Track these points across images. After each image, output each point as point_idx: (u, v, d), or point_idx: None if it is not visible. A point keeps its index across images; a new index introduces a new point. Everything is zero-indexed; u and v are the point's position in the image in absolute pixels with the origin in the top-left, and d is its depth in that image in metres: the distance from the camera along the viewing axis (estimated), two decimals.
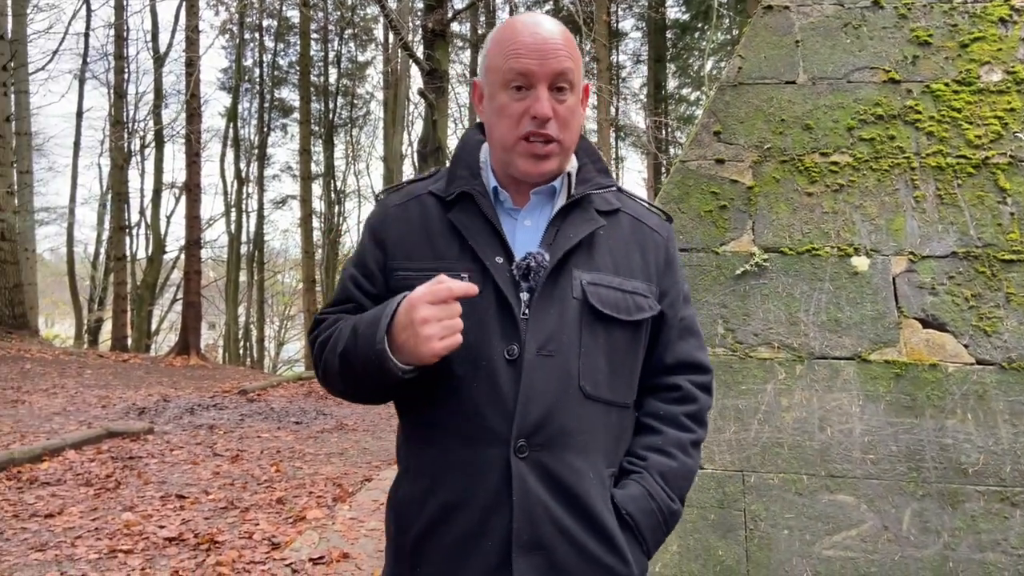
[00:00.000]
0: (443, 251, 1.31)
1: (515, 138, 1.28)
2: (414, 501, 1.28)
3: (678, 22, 23.49)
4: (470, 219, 1.31)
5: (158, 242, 23.06)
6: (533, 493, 1.21)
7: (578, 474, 1.25)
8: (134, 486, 5.66)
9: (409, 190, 1.41)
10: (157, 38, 22.56)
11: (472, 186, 1.33)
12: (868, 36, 3.06)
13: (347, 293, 1.38)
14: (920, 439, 2.52)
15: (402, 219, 1.36)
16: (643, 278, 1.35)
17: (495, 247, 1.29)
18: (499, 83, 1.29)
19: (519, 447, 1.22)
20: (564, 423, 1.24)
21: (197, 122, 17.56)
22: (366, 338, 1.20)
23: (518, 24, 1.30)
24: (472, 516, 1.22)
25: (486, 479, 1.22)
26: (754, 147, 2.95)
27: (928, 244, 2.75)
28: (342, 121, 28.84)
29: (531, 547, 1.21)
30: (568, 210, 1.33)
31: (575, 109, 1.30)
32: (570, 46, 1.29)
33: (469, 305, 1.23)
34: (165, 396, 9.78)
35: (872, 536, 2.43)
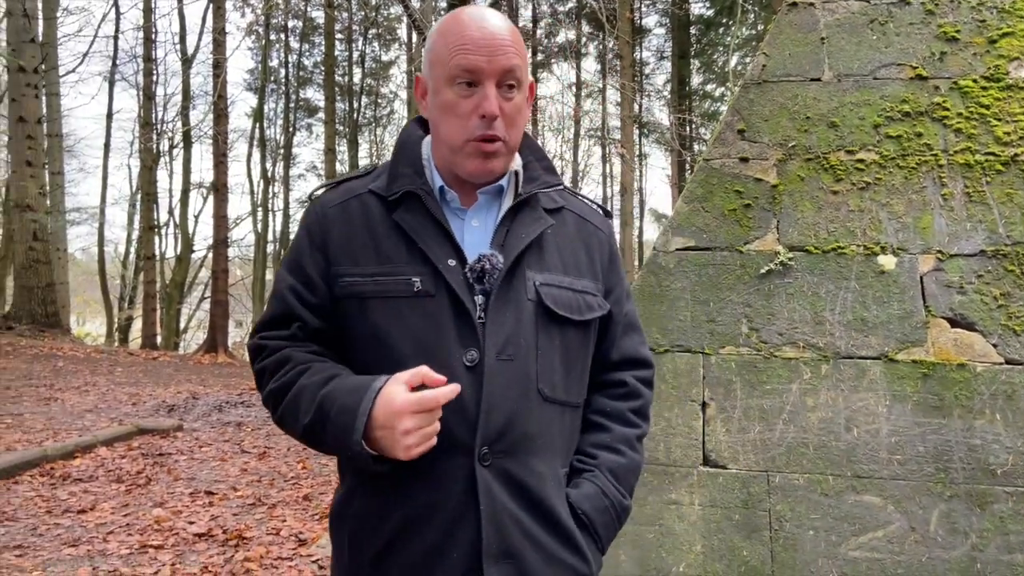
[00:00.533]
0: (390, 254, 1.24)
1: (463, 139, 1.24)
2: (371, 516, 1.22)
3: (702, 18, 23.32)
4: (417, 220, 1.25)
5: (186, 241, 23.37)
6: (499, 501, 1.19)
7: (540, 478, 1.23)
8: (164, 482, 5.75)
9: (347, 188, 1.33)
10: (185, 40, 22.87)
11: (417, 185, 1.27)
12: (895, 32, 3.03)
13: (287, 308, 1.28)
14: (948, 440, 2.50)
15: (342, 220, 1.28)
16: (591, 276, 1.34)
17: (446, 249, 1.23)
18: (444, 78, 1.24)
19: (483, 455, 1.19)
20: (526, 428, 1.22)
21: (224, 123, 17.76)
22: (339, 428, 1.14)
23: (464, 17, 1.25)
24: (437, 528, 1.18)
25: (450, 489, 1.18)
26: (779, 145, 2.93)
27: (956, 242, 2.72)
28: (366, 120, 29.01)
29: (501, 556, 1.18)
30: (517, 209, 1.29)
31: (521, 107, 1.26)
32: (517, 43, 1.25)
33: (423, 310, 1.20)
34: (194, 393, 9.91)
35: (899, 537, 2.41)
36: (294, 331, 1.28)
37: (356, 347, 1.25)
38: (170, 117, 25.03)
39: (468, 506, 1.18)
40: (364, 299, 1.23)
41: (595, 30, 23.85)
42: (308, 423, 1.18)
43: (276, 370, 1.25)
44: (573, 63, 25.66)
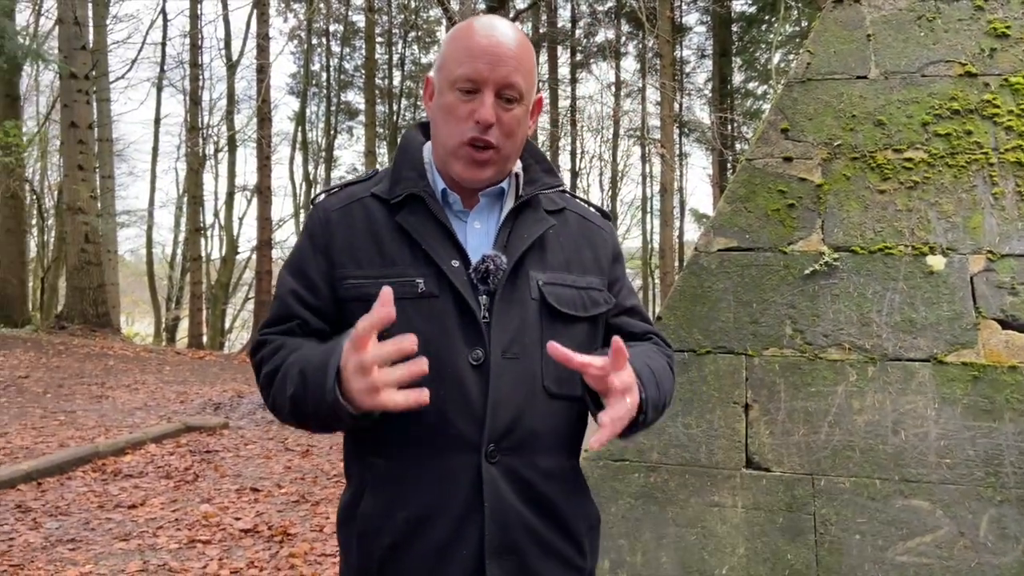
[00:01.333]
0: (394, 256, 1.26)
1: (457, 142, 1.26)
2: (377, 516, 1.23)
3: (744, 15, 23.04)
4: (420, 222, 1.27)
5: (231, 243, 23.83)
6: (505, 499, 1.21)
7: (545, 475, 1.25)
8: (211, 479, 5.88)
9: (349, 192, 1.35)
10: (230, 46, 23.32)
11: (420, 188, 1.29)
12: (943, 29, 2.97)
13: (288, 310, 1.29)
14: (999, 443, 2.44)
15: (345, 223, 1.30)
16: (595, 273, 1.35)
17: (449, 251, 1.25)
18: (448, 82, 1.27)
19: (490, 452, 1.20)
20: (532, 425, 1.23)
21: (268, 126, 18.06)
22: (315, 388, 1.13)
23: (476, 25, 1.28)
24: (446, 526, 1.20)
25: (457, 487, 1.20)
26: (823, 144, 2.89)
27: (1008, 242, 2.66)
28: (405, 123, 29.23)
29: (504, 552, 1.20)
30: (518, 211, 1.31)
31: (521, 120, 1.28)
32: (523, 57, 1.27)
33: (428, 310, 1.22)
34: (239, 392, 10.10)
35: (948, 542, 2.37)
36: (291, 328, 1.29)
37: None
38: (215, 121, 25.58)
39: (475, 504, 1.20)
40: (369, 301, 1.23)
41: (635, 29, 23.71)
42: (292, 392, 1.18)
43: (271, 356, 1.27)
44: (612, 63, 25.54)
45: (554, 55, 25.44)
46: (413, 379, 1.08)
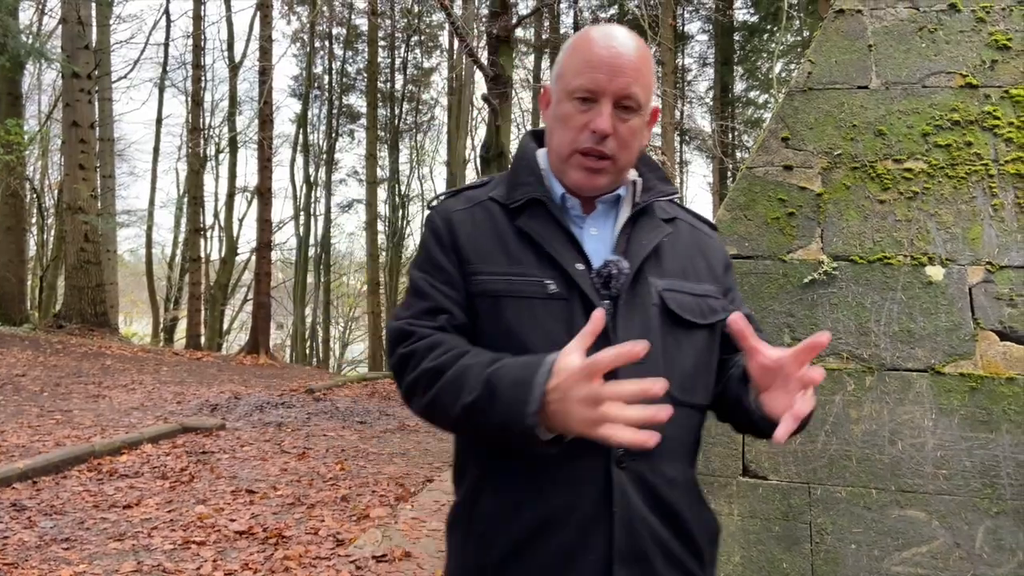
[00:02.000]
0: (520, 257, 1.26)
1: (571, 150, 1.28)
2: (500, 517, 1.22)
3: (746, 24, 23.10)
4: (542, 226, 1.28)
5: (231, 244, 23.84)
6: (633, 505, 1.20)
7: (671, 483, 1.24)
8: (207, 480, 5.87)
9: (468, 196, 1.37)
10: (232, 48, 23.35)
11: (540, 192, 1.31)
12: (944, 40, 2.98)
13: (435, 302, 1.27)
14: (995, 455, 2.44)
15: (469, 223, 1.31)
16: (710, 280, 1.35)
17: (573, 254, 1.26)
18: (566, 92, 1.29)
19: (619, 457, 1.19)
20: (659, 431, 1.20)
21: (269, 128, 18.09)
22: (510, 404, 1.09)
23: (595, 35, 1.29)
24: (572, 530, 1.18)
25: (586, 491, 1.19)
26: (823, 153, 2.90)
27: (1006, 254, 2.67)
28: (407, 126, 29.30)
29: (632, 559, 1.19)
30: (636, 218, 1.32)
31: (637, 131, 1.29)
32: (642, 68, 1.27)
33: (556, 312, 1.22)
34: (236, 394, 10.09)
35: (944, 553, 2.36)
36: (442, 323, 1.26)
37: (488, 345, 1.24)
38: (217, 122, 25.61)
39: (602, 509, 1.19)
40: (497, 297, 1.25)
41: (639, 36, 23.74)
42: (471, 401, 1.14)
43: (428, 352, 1.22)
44: None
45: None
46: (647, 423, 1.05)
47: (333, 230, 29.39)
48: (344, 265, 33.92)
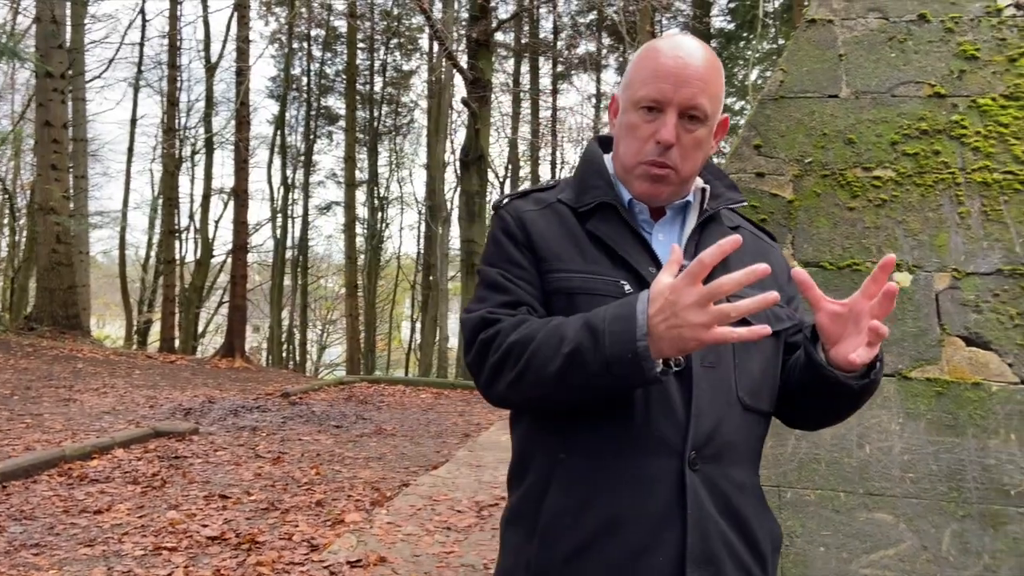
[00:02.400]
0: (594, 258, 1.27)
1: (636, 160, 1.29)
2: (567, 514, 1.20)
3: (723, 31, 23.32)
4: (613, 229, 1.29)
5: (206, 246, 23.60)
6: (705, 507, 1.19)
7: (739, 488, 1.25)
8: (179, 485, 5.81)
9: (536, 198, 1.38)
10: (209, 48, 23.16)
11: (611, 197, 1.32)
12: (913, 50, 3.03)
13: (515, 294, 1.27)
14: (961, 459, 2.49)
15: (542, 223, 1.32)
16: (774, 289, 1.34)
17: (646, 258, 1.27)
18: (632, 101, 1.29)
19: (692, 459, 1.19)
20: (729, 435, 1.23)
21: (246, 130, 17.96)
22: (617, 335, 1.09)
23: (663, 46, 1.29)
24: (642, 529, 1.17)
25: (658, 491, 1.18)
26: (795, 161, 2.94)
27: (972, 261, 2.71)
28: (386, 129, 29.20)
29: (704, 562, 1.18)
30: (704, 225, 1.33)
31: (702, 141, 1.29)
32: (711, 79, 1.27)
33: None
34: (210, 397, 10.00)
35: (911, 556, 2.40)
36: (524, 313, 1.26)
37: None
38: (193, 123, 25.35)
39: (674, 509, 1.18)
40: (572, 295, 1.25)
41: (615, 42, 23.88)
42: (572, 349, 1.12)
43: (514, 328, 1.20)
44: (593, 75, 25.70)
45: (535, 66, 25.56)
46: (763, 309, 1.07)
47: (311, 232, 29.21)
48: (322, 268, 33.71)
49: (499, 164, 26.90)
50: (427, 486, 6.00)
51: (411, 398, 11.88)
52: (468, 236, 14.70)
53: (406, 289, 31.83)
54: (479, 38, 13.93)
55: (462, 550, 4.51)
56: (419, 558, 4.34)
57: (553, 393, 1.18)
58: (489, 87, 14.99)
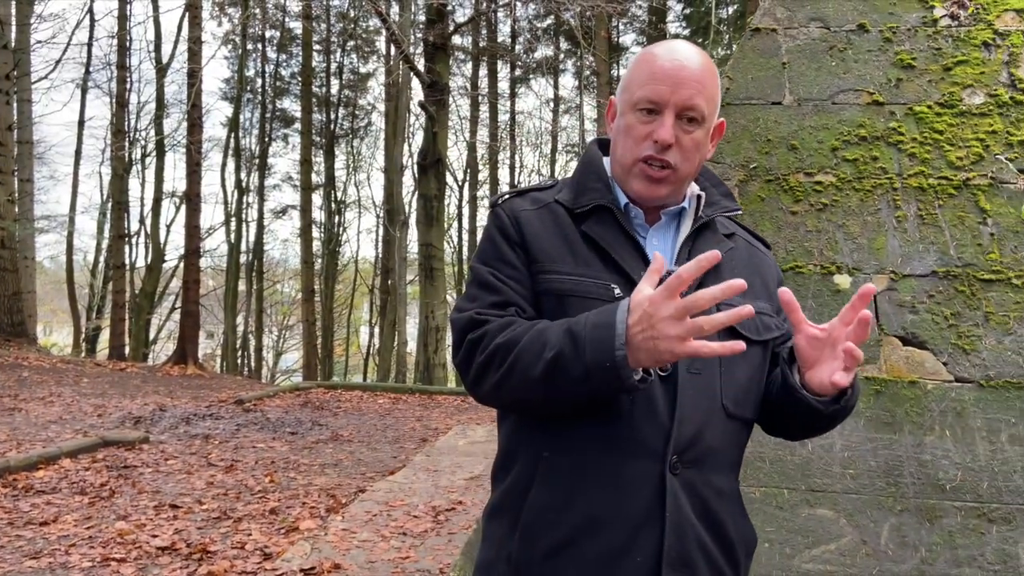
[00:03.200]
0: (586, 259, 1.29)
1: (633, 159, 1.30)
2: (549, 510, 1.23)
3: (678, 37, 23.64)
4: (607, 232, 1.31)
5: (157, 251, 23.13)
6: (684, 511, 1.21)
7: (718, 494, 1.27)
8: (128, 495, 5.69)
9: (534, 197, 1.39)
10: (160, 48, 22.72)
11: (608, 200, 1.33)
12: (853, 59, 3.12)
13: (504, 294, 1.29)
14: (899, 455, 2.57)
15: (537, 223, 1.33)
16: (765, 298, 1.37)
17: (638, 262, 1.28)
18: (630, 104, 1.31)
19: (673, 463, 1.21)
20: (711, 442, 1.25)
21: (198, 132, 17.64)
22: (596, 343, 1.11)
23: (660, 50, 1.32)
24: (621, 530, 1.20)
25: (638, 493, 1.20)
26: (740, 166, 3.00)
27: (909, 263, 2.81)
28: (343, 132, 28.99)
29: (680, 564, 1.20)
30: (698, 232, 1.35)
31: (700, 143, 1.31)
32: (706, 80, 1.29)
33: None
34: (161, 405, 9.80)
35: (851, 550, 2.47)
36: (511, 313, 1.27)
37: None
38: (143, 125, 24.84)
39: (653, 511, 1.20)
40: (563, 296, 1.26)
41: (573, 47, 24.06)
42: (555, 354, 1.14)
43: (501, 330, 1.23)
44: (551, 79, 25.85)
45: (494, 69, 25.61)
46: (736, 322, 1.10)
47: (266, 236, 28.84)
48: (278, 272, 33.29)
49: (458, 168, 26.90)
50: (383, 492, 5.97)
51: (368, 403, 11.80)
52: (426, 240, 14.66)
53: (364, 293, 31.60)
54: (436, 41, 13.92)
55: (418, 555, 4.50)
56: (374, 564, 4.32)
57: (536, 396, 1.20)
58: (447, 90, 14.99)
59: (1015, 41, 3.07)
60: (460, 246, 28.22)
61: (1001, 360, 2.64)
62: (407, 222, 19.08)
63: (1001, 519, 2.44)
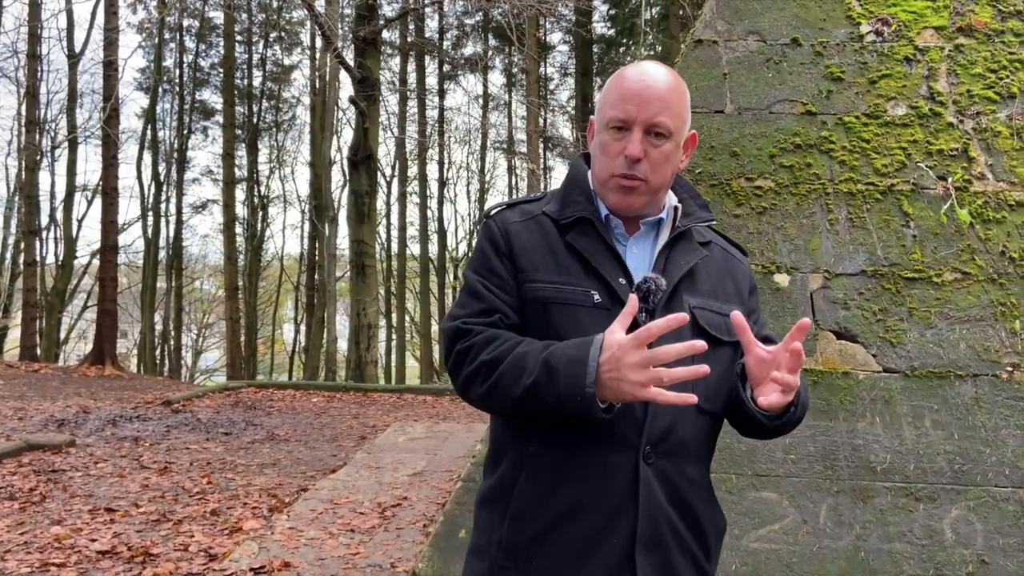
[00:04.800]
0: (568, 268, 1.40)
1: (609, 174, 1.41)
2: (536, 499, 1.35)
3: (604, 37, 24.06)
4: (589, 242, 1.42)
5: (70, 247, 22.15)
6: (656, 497, 1.33)
7: (690, 482, 1.38)
8: (60, 500, 5.52)
9: (523, 209, 1.50)
10: (72, 37, 21.74)
11: (590, 212, 1.44)
12: (788, 71, 3.33)
13: (490, 304, 1.41)
14: (835, 440, 2.78)
15: (525, 234, 1.45)
16: (737, 302, 1.48)
17: (617, 270, 1.40)
18: (603, 123, 1.42)
19: (646, 453, 1.33)
20: (683, 435, 1.37)
21: (114, 124, 17.00)
22: (569, 378, 1.24)
23: (628, 71, 1.43)
24: (600, 515, 1.32)
25: (614, 481, 1.32)
26: (686, 172, 3.17)
27: (841, 263, 3.02)
28: (266, 125, 28.31)
29: (652, 546, 1.33)
30: (674, 241, 1.45)
31: (669, 155, 1.41)
32: (671, 98, 1.40)
33: (599, 320, 1.33)
34: (84, 407, 9.47)
35: (793, 529, 2.66)
36: (495, 321, 1.39)
37: None
38: (53, 115, 23.73)
39: (628, 498, 1.32)
40: (547, 304, 1.38)
41: (501, 44, 24.18)
42: (532, 383, 1.27)
43: (486, 344, 1.35)
44: (480, 76, 25.92)
45: (422, 65, 25.49)
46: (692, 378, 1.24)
47: (185, 232, 27.95)
48: (197, 269, 32.32)
49: (386, 164, 26.67)
50: (327, 490, 5.96)
51: (302, 402, 11.65)
52: (358, 237, 14.53)
53: (289, 290, 30.99)
54: (366, 36, 13.81)
55: (367, 551, 4.53)
56: (324, 561, 4.34)
57: (517, 411, 1.35)
58: (377, 86, 14.88)
59: (934, 57, 3.33)
60: (389, 242, 28.02)
61: (924, 352, 2.88)
62: (336, 218, 18.86)
63: (927, 498, 2.67)
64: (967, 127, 3.23)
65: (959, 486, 2.69)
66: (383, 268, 26.33)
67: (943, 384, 2.83)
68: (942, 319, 2.92)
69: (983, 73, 3.31)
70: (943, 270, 3.00)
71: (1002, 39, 3.37)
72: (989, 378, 2.84)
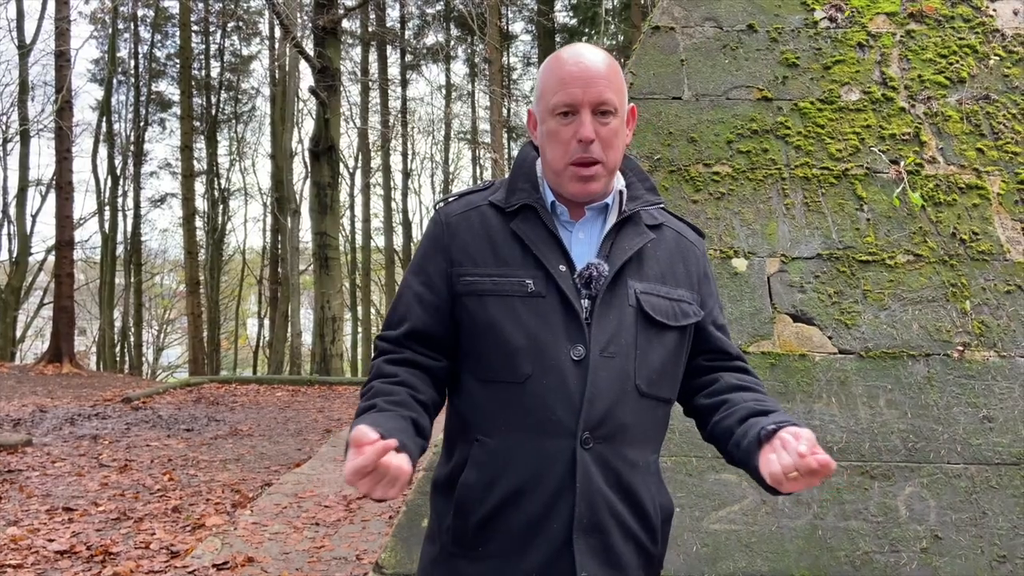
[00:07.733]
0: (507, 258, 1.41)
1: (564, 163, 1.40)
2: (479, 488, 1.37)
3: (566, 27, 24.04)
4: (532, 229, 1.42)
5: (23, 243, 21.60)
6: (594, 482, 1.34)
7: (631, 466, 1.38)
8: (16, 500, 5.40)
9: (467, 200, 1.50)
10: (23, 27, 21.13)
11: (534, 199, 1.44)
12: (744, 57, 3.36)
13: (405, 311, 1.45)
14: None
15: (464, 227, 1.45)
16: (687, 287, 1.48)
17: (558, 256, 1.40)
18: (548, 111, 1.41)
19: (584, 439, 1.33)
20: (622, 419, 1.36)
21: (68, 116, 16.57)
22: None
23: (565, 56, 1.43)
24: (540, 501, 1.34)
25: (553, 468, 1.34)
26: (645, 158, 3.18)
27: (797, 247, 3.06)
28: (225, 117, 27.86)
29: (590, 530, 1.34)
30: (621, 225, 1.44)
31: (618, 131, 1.41)
32: (611, 76, 1.40)
33: (535, 308, 1.36)
34: (41, 406, 9.26)
35: (752, 510, 2.70)
36: (400, 334, 1.43)
37: (475, 338, 1.39)
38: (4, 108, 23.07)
39: (567, 483, 1.33)
40: (483, 296, 1.39)
41: (464, 34, 24.05)
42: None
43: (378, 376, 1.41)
44: (443, 66, 25.76)
45: (383, 55, 25.26)
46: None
47: (144, 226, 27.40)
48: (157, 264, 31.74)
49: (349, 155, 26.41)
50: (291, 484, 5.91)
51: (266, 397, 11.53)
52: (320, 229, 14.38)
53: (252, 284, 30.60)
54: (326, 26, 13.63)
55: (332, 544, 4.51)
56: (288, 555, 4.30)
57: None
58: (338, 76, 14.71)
59: (886, 42, 3.38)
60: (354, 235, 27.78)
61: (878, 333, 2.93)
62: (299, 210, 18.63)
63: (882, 475, 2.73)
64: (918, 111, 3.28)
65: (912, 463, 2.75)
66: (347, 261, 26.10)
67: (896, 364, 2.89)
68: (895, 300, 2.98)
69: (934, 58, 3.37)
70: (896, 252, 3.05)
71: (952, 24, 3.43)
72: (941, 357, 2.90)
